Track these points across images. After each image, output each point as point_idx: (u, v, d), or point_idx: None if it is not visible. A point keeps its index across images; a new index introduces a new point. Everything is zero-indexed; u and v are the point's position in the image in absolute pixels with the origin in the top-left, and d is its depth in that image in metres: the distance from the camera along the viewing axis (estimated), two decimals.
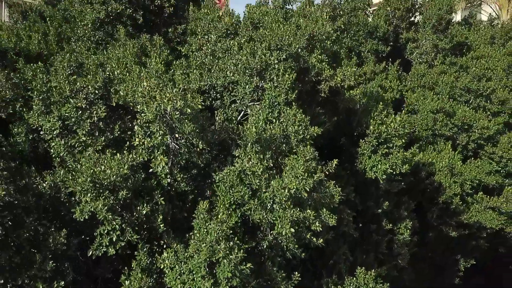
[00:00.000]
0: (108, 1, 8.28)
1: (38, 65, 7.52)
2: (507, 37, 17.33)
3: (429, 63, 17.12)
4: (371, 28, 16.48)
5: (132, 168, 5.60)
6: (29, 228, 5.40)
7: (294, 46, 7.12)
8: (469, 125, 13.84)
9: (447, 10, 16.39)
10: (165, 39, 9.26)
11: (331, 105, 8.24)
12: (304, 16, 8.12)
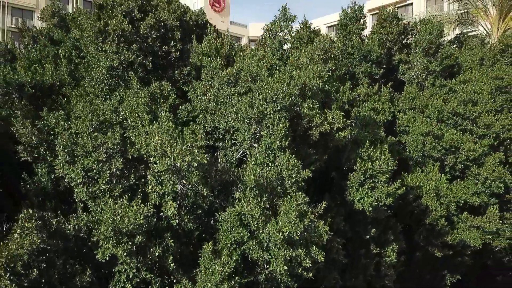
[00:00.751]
0: (121, 51, 9.14)
1: (59, 113, 8.44)
2: (495, 59, 18.15)
3: (420, 84, 17.99)
4: (365, 52, 17.34)
5: (147, 218, 6.49)
6: (59, 269, 6.30)
7: (287, 99, 8.00)
8: (456, 147, 14.70)
9: (437, 34, 17.21)
10: (172, 79, 10.16)
11: (322, 145, 9.11)
12: (297, 67, 8.99)
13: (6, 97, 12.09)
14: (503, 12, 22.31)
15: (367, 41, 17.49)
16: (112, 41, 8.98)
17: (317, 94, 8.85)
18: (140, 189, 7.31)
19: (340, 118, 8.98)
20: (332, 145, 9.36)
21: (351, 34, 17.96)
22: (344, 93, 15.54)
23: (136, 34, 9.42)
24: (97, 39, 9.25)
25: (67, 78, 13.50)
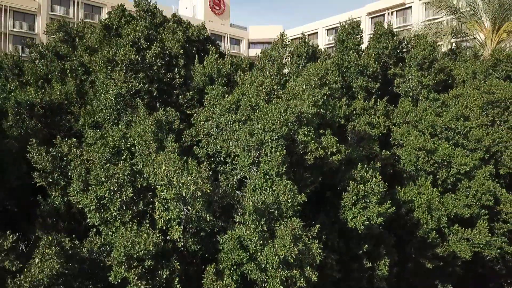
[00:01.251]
0: (128, 79, 9.75)
1: (72, 140, 9.06)
2: (487, 73, 18.76)
3: (415, 97, 18.59)
4: (361, 67, 17.93)
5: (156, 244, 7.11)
6: None
7: (284, 129, 8.61)
8: (448, 161, 15.30)
9: (431, 50, 17.81)
10: (176, 103, 10.78)
11: (317, 167, 9.72)
12: (294, 95, 9.60)
13: (17, 116, 12.70)
14: (496, 24, 22.90)
15: (364, 56, 18.06)
16: (120, 70, 9.59)
17: (312, 120, 9.45)
18: (148, 213, 7.93)
19: (334, 143, 9.59)
20: (327, 167, 9.96)
21: (348, 49, 18.56)
22: (340, 108, 16.15)
23: (143, 62, 10.03)
24: (106, 67, 9.84)
25: (74, 97, 14.12)
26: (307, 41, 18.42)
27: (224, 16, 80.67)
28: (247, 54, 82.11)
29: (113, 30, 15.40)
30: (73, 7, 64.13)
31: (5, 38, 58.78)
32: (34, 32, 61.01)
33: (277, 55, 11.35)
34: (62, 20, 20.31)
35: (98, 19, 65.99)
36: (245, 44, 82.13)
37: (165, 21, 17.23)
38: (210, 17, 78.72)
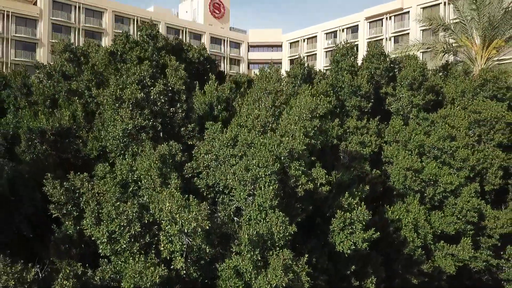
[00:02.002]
0: (134, 116, 10.62)
1: (84, 175, 9.94)
2: (475, 92, 19.62)
3: (406, 115, 19.47)
4: (355, 87, 18.78)
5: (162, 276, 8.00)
6: None
7: (276, 165, 9.48)
8: (435, 180, 16.18)
9: (420, 71, 18.67)
10: (178, 135, 11.66)
11: (308, 197, 10.60)
12: (286, 132, 10.47)
13: (30, 142, 13.58)
14: (486, 41, 23.74)
15: (357, 77, 18.89)
16: (127, 107, 10.45)
17: (303, 154, 10.33)
18: (153, 244, 8.82)
19: (323, 175, 10.47)
20: (317, 196, 10.83)
21: (342, 70, 19.41)
22: (333, 129, 17.02)
23: (147, 98, 10.90)
24: (114, 104, 10.70)
25: (82, 122, 15.00)
26: (303, 62, 19.22)
27: (224, 19, 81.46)
28: (247, 57, 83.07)
29: (118, 56, 16.27)
30: (74, 12, 64.93)
31: (7, 43, 59.65)
32: (36, 37, 61.91)
33: (272, 88, 12.20)
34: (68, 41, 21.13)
35: (99, 23, 66.95)
36: (244, 47, 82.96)
37: (167, 44, 18.13)
38: (210, 21, 79.57)
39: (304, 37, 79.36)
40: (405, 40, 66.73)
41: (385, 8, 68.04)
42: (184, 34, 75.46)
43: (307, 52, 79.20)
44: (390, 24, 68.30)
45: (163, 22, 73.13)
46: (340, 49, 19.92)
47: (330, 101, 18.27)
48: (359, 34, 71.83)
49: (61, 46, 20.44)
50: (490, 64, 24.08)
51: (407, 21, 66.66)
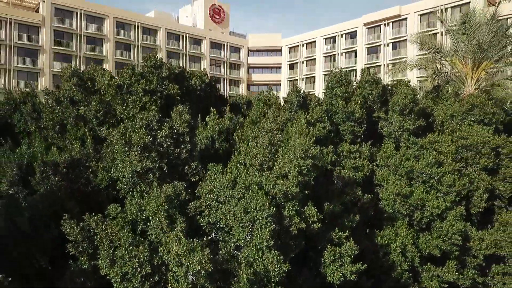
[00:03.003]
0: (143, 158, 11.63)
1: (98, 216, 10.96)
2: (463, 117, 20.63)
3: (397, 138, 20.48)
4: (348, 113, 19.79)
5: None
6: None
7: (272, 209, 10.51)
8: (423, 205, 17.22)
9: (411, 98, 19.68)
10: (182, 173, 12.69)
11: (301, 233, 11.62)
12: (281, 175, 11.50)
13: (44, 174, 14.59)
14: (475, 63, 24.74)
15: (351, 103, 19.88)
16: (136, 151, 11.46)
17: (297, 195, 11.37)
18: (162, 283, 9.85)
19: (315, 214, 11.50)
20: (309, 232, 11.86)
21: (336, 96, 20.42)
22: (327, 155, 18.02)
23: (154, 141, 11.91)
24: (124, 147, 11.71)
25: (91, 153, 16.02)
26: (299, 89, 20.21)
27: (224, 24, 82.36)
28: (246, 61, 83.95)
29: (125, 88, 17.28)
30: (76, 19, 65.88)
31: (10, 50, 60.61)
32: (38, 44, 62.89)
33: (269, 128, 13.21)
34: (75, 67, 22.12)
35: (100, 30, 67.82)
36: (244, 52, 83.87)
37: (170, 74, 19.14)
38: (210, 26, 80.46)
39: (303, 42, 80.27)
40: (403, 47, 67.76)
41: (383, 15, 69.00)
42: (184, 40, 76.41)
43: (306, 57, 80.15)
44: (388, 30, 69.27)
45: (163, 27, 74.08)
46: (335, 76, 20.88)
47: (325, 127, 19.32)
48: (357, 40, 72.81)
49: (69, 72, 21.45)
50: (480, 84, 25.09)
51: (405, 27, 67.62)
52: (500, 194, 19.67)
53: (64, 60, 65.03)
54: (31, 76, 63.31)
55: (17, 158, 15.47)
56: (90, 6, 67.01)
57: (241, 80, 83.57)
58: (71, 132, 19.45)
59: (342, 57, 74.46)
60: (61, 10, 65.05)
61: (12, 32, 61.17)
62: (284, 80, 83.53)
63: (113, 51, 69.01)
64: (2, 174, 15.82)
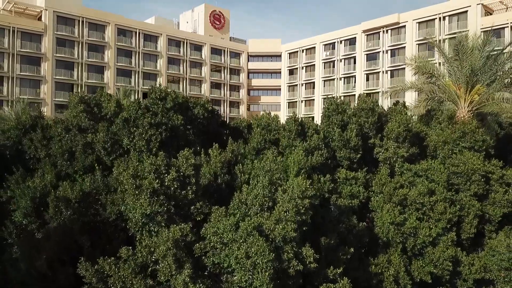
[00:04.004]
0: (152, 202, 12.50)
1: (111, 259, 11.86)
2: (455, 143, 21.54)
3: (392, 164, 21.37)
4: (344, 141, 20.66)
5: None
6: None
7: (271, 255, 11.40)
8: (415, 233, 18.12)
9: (405, 127, 20.56)
10: (188, 212, 13.58)
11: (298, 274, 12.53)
12: (280, 219, 12.38)
13: (56, 209, 15.47)
14: (468, 86, 25.58)
15: (347, 131, 20.76)
16: (145, 196, 12.35)
17: (295, 238, 12.26)
18: None
19: (311, 255, 12.40)
20: (306, 271, 12.76)
21: (333, 124, 21.29)
22: (325, 184, 18.91)
23: (162, 184, 12.79)
24: (134, 191, 12.59)
25: (101, 186, 16.89)
26: (297, 118, 21.05)
27: (224, 30, 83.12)
28: (246, 66, 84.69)
29: (132, 122, 18.14)
30: (78, 27, 66.61)
31: (13, 58, 61.36)
32: (40, 52, 63.66)
33: (269, 169, 14.10)
34: (82, 92, 22.96)
35: (102, 37, 68.52)
36: (244, 57, 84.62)
37: (175, 105, 20.00)
38: (210, 32, 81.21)
39: (303, 48, 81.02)
40: (401, 54, 68.50)
41: (382, 22, 69.75)
42: (185, 46, 77.16)
43: (306, 63, 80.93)
44: (387, 37, 70.03)
45: (164, 34, 74.80)
46: (331, 104, 21.73)
47: (322, 154, 20.21)
48: (356, 46, 73.56)
49: (76, 99, 22.28)
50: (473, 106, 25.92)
51: (403, 35, 68.39)
52: (490, 218, 20.61)
53: (66, 67, 65.93)
54: (34, 83, 64.09)
55: (30, 192, 16.31)
56: (91, 14, 67.76)
57: (241, 86, 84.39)
58: (80, 159, 20.30)
59: (342, 63, 75.24)
60: (63, 18, 65.77)
61: (15, 40, 61.90)
62: (283, 85, 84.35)
63: (114, 58, 69.79)
64: (17, 206, 16.70)
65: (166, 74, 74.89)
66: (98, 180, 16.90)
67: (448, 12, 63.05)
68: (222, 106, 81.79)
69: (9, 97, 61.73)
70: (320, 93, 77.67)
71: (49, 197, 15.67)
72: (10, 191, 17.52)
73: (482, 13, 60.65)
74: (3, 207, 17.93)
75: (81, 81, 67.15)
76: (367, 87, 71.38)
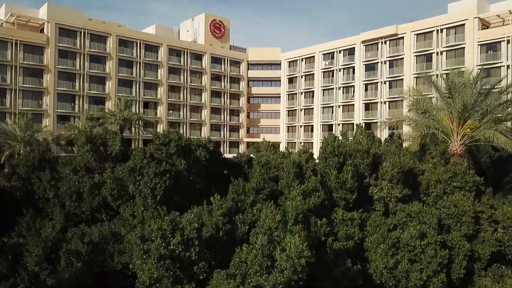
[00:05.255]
0: (159, 267, 13.43)
1: None
2: (446, 184, 22.45)
3: (387, 203, 22.30)
4: (341, 183, 21.56)
5: None
6: None
7: None
8: (407, 276, 19.06)
9: (398, 170, 21.46)
10: (192, 272, 14.51)
11: None
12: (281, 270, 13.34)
13: (68, 261, 16.41)
14: (461, 120, 26.46)
15: (343, 173, 21.66)
16: (153, 260, 13.29)
17: None
18: None
19: None
20: None
21: (330, 165, 22.19)
22: (322, 227, 19.84)
23: (167, 247, 13.72)
24: (142, 256, 13.53)
25: (109, 236, 17.81)
26: (294, 162, 21.91)
27: (224, 39, 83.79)
28: (246, 75, 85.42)
29: (137, 171, 19.04)
30: (79, 38, 67.31)
31: (15, 71, 62.11)
32: (43, 64, 64.42)
33: (268, 228, 15.03)
34: (89, 132, 23.84)
35: (103, 48, 69.20)
36: (244, 65, 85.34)
37: (178, 150, 20.89)
38: (210, 41, 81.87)
39: (302, 57, 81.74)
40: (400, 65, 69.27)
41: (380, 33, 70.47)
42: (185, 55, 77.87)
43: (305, 72, 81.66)
44: (386, 48, 70.78)
45: (165, 44, 75.54)
46: (328, 145, 22.60)
47: (319, 196, 21.10)
48: (355, 57, 74.29)
49: (83, 139, 23.18)
50: (465, 140, 26.81)
51: (401, 46, 69.14)
52: (480, 257, 21.54)
53: (68, 78, 66.72)
54: (36, 95, 64.90)
55: (42, 241, 17.24)
56: (93, 25, 68.46)
57: (241, 94, 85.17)
58: (87, 200, 21.25)
59: (341, 73, 76.00)
60: (65, 29, 66.45)
61: (17, 53, 62.64)
62: (283, 93, 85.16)
63: (115, 69, 70.56)
64: (29, 253, 17.62)
65: (167, 83, 75.70)
66: (106, 230, 17.82)
67: (445, 25, 63.79)
68: (222, 114, 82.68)
69: (12, 109, 62.57)
70: (320, 102, 78.51)
71: (60, 249, 16.60)
72: (22, 237, 18.45)
73: (479, 26, 61.39)
74: (15, 250, 18.87)
75: (83, 92, 67.98)
76: (366, 97, 72.25)
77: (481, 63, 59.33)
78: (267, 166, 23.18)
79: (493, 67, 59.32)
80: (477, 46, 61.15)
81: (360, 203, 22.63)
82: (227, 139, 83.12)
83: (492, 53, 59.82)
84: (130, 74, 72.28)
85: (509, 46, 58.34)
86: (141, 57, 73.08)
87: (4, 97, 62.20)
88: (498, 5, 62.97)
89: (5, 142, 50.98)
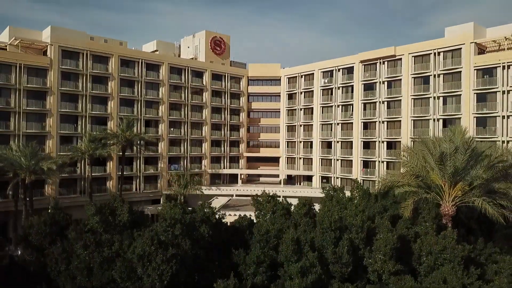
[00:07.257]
0: None
1: None
2: (437, 255, 23.77)
3: (380, 274, 23.62)
4: (337, 258, 22.87)
5: None
6: None
7: None
8: None
9: (392, 246, 22.75)
10: None
11: None
12: None
13: None
14: (452, 183, 27.72)
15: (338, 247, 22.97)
16: None
17: None
18: None
19: None
20: None
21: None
22: None
23: None
24: None
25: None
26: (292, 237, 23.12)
27: (225, 55, 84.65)
28: (246, 90, 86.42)
29: (146, 258, 20.31)
30: (82, 59, 68.17)
31: (19, 94, 63.04)
32: (46, 86, 65.32)
33: None
34: (98, 204, 25.05)
35: (105, 69, 70.12)
36: (244, 81, 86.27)
37: (183, 231, 22.17)
38: (211, 57, 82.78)
39: (302, 74, 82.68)
40: (398, 85, 70.25)
41: (378, 54, 71.37)
42: (186, 73, 78.83)
43: (305, 88, 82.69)
44: (384, 69, 71.73)
45: (166, 62, 76.43)
46: (324, 221, 23.87)
47: (316, 271, 22.44)
48: (354, 76, 75.29)
49: (92, 211, 24.43)
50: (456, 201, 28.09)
51: (399, 67, 70.09)
52: None
53: (70, 100, 67.64)
54: (40, 117, 65.84)
55: None
56: (96, 46, 69.26)
57: (241, 109, 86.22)
58: (97, 275, 22.55)
59: (339, 91, 76.99)
60: (68, 52, 67.26)
61: (21, 76, 63.53)
62: (283, 108, 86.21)
63: (117, 88, 71.47)
64: None
65: (168, 101, 76.68)
66: None
67: (442, 48, 64.68)
68: (223, 130, 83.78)
69: (16, 132, 63.63)
70: (319, 119, 79.64)
71: None
72: None
73: (475, 51, 62.31)
74: None
75: (85, 112, 68.95)
76: (364, 116, 73.34)
77: (477, 87, 60.47)
78: (267, 235, 24.46)
79: (489, 92, 60.42)
80: (474, 70, 62.13)
81: (356, 271, 23.95)
82: (227, 154, 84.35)
83: (488, 78, 60.81)
84: (132, 94, 73.21)
85: (504, 72, 59.34)
86: (143, 76, 73.95)
87: (8, 120, 63.17)
88: (494, 29, 63.82)
89: (10, 170, 52.32)
